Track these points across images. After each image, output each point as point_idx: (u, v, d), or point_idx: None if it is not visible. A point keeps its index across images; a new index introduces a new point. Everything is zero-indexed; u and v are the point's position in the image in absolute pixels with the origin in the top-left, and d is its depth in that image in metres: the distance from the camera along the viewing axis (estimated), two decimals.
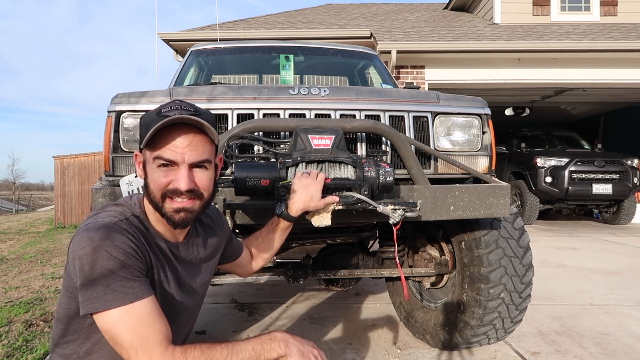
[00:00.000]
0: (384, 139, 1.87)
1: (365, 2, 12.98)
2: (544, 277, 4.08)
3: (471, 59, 7.69)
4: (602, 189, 7.65)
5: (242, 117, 1.83)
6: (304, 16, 10.08)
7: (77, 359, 1.10)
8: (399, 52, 7.24)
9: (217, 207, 1.50)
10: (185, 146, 1.06)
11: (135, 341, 0.96)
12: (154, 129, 1.03)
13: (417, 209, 1.59)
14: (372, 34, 7.70)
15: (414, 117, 1.94)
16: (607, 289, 3.76)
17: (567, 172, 7.70)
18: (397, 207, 1.54)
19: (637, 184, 7.83)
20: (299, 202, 1.42)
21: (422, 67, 7.76)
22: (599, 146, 9.87)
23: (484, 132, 2.04)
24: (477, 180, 2.02)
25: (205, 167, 1.10)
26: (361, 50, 3.65)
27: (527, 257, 2.14)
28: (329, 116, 1.85)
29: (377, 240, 2.73)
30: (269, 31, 8.06)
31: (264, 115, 1.83)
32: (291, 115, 1.83)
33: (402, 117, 1.93)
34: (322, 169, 1.57)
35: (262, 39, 7.47)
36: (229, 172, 1.74)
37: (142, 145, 1.08)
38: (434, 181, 1.84)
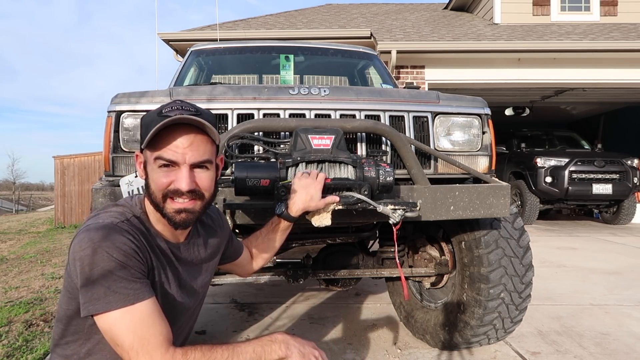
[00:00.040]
0: (384, 139, 1.87)
1: (365, 2, 12.99)
2: (544, 277, 4.08)
3: (471, 59, 7.69)
4: (602, 189, 7.65)
5: (242, 117, 1.83)
6: (304, 16, 10.08)
7: (78, 359, 1.10)
8: (399, 52, 7.25)
9: (217, 207, 1.50)
10: (186, 146, 1.05)
11: (136, 343, 0.96)
12: (155, 129, 1.02)
13: (417, 209, 1.59)
14: (372, 34, 7.70)
15: (414, 117, 1.94)
16: (607, 289, 3.77)
17: (567, 172, 7.70)
18: (397, 207, 1.54)
19: (637, 184, 7.84)
20: (299, 202, 1.42)
21: (422, 67, 7.76)
22: (599, 146, 9.87)
23: (484, 132, 2.04)
24: (477, 180, 2.02)
25: (206, 167, 1.10)
26: (361, 50, 3.65)
27: (527, 257, 2.14)
28: (329, 116, 1.85)
29: (377, 240, 2.73)
30: (269, 31, 8.06)
31: (264, 115, 1.83)
32: (291, 115, 1.83)
33: (402, 117, 1.93)
34: (322, 169, 1.57)
35: (262, 39, 7.47)
36: (229, 172, 1.74)
37: (143, 145, 1.08)
38: (434, 181, 1.84)
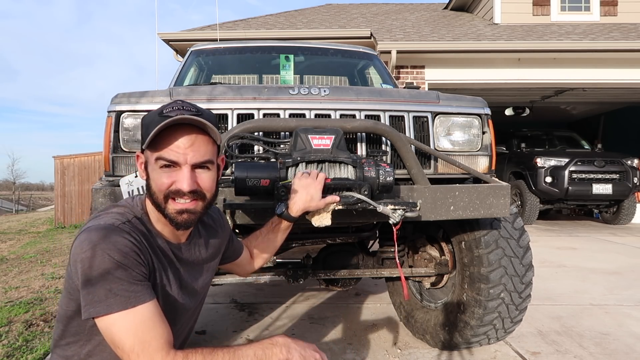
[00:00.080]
0: (384, 139, 1.87)
1: (365, 2, 12.99)
2: (544, 277, 4.08)
3: (471, 59, 7.69)
4: (602, 189, 7.65)
5: (242, 117, 1.83)
6: (304, 16, 10.08)
7: None
8: (399, 52, 7.25)
9: (217, 207, 1.50)
10: (187, 147, 1.05)
11: (136, 345, 0.96)
12: (156, 129, 1.02)
13: (417, 209, 1.59)
14: (372, 34, 7.70)
15: (414, 117, 1.94)
16: (607, 289, 3.77)
17: (567, 172, 7.70)
18: (397, 207, 1.54)
19: (637, 184, 7.84)
20: (299, 202, 1.42)
21: (422, 67, 7.76)
22: (599, 146, 9.87)
23: (484, 132, 2.04)
24: (477, 180, 2.02)
25: (207, 167, 1.10)
26: (361, 50, 3.65)
27: (527, 257, 2.14)
28: (329, 116, 1.85)
29: (377, 240, 2.74)
30: (269, 31, 8.06)
31: (264, 115, 1.83)
32: (291, 115, 1.83)
33: (402, 117, 1.93)
34: (322, 169, 1.57)
35: (262, 39, 7.47)
36: (229, 172, 1.74)
37: (144, 145, 1.07)
38: (434, 181, 1.84)
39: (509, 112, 10.82)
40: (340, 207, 1.48)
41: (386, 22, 9.43)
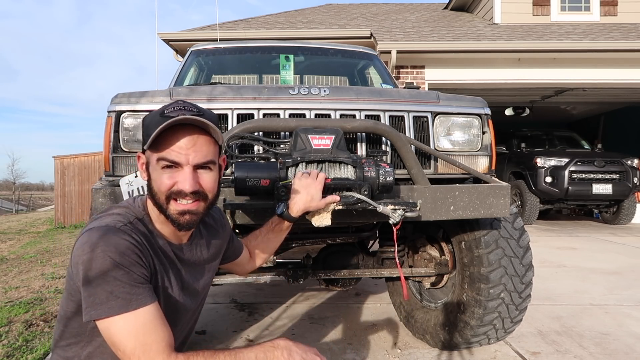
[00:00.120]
0: (384, 139, 1.87)
1: (365, 2, 12.99)
2: (544, 277, 4.08)
3: (471, 59, 7.69)
4: (602, 189, 7.65)
5: (242, 117, 1.83)
6: (304, 16, 10.08)
7: None
8: (399, 52, 7.25)
9: (218, 207, 1.50)
10: (189, 147, 1.04)
11: (137, 348, 0.95)
12: (158, 129, 1.01)
13: (417, 209, 1.59)
14: (372, 34, 7.70)
15: (414, 117, 1.94)
16: (607, 289, 3.77)
17: (567, 172, 7.70)
18: (397, 207, 1.54)
19: (637, 184, 7.84)
20: (299, 202, 1.41)
21: (422, 67, 7.76)
22: (599, 146, 9.87)
23: (484, 132, 2.04)
24: (477, 180, 2.02)
25: (209, 168, 1.09)
26: (361, 50, 3.65)
27: (527, 257, 2.14)
28: (329, 116, 1.85)
29: (377, 240, 2.74)
30: (269, 31, 8.06)
31: (264, 115, 1.83)
32: (291, 115, 1.83)
33: (402, 117, 1.93)
34: (322, 169, 1.57)
35: (262, 39, 7.47)
36: (229, 172, 1.74)
37: (145, 146, 1.06)
38: (434, 181, 1.84)
39: (509, 112, 10.82)
40: (340, 207, 1.48)
41: (386, 22, 9.43)
